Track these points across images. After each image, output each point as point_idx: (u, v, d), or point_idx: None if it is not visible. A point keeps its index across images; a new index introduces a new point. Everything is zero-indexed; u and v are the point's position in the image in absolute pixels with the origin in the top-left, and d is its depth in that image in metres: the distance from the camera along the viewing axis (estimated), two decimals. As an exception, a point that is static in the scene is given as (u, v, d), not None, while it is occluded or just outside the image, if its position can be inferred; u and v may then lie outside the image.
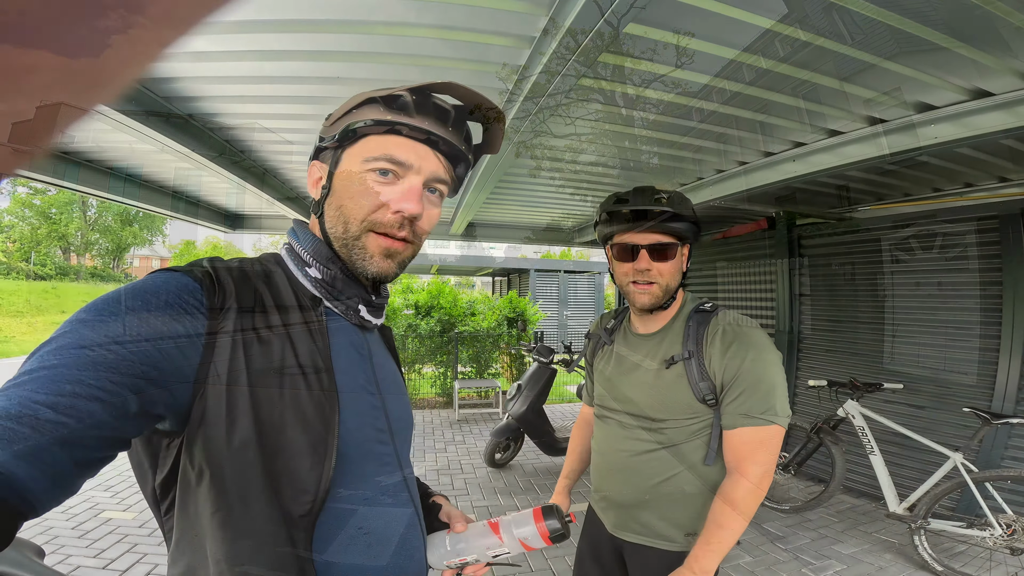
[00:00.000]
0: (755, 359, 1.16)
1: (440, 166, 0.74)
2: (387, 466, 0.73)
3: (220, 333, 0.58)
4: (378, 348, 0.82)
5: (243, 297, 0.62)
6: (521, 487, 4.13)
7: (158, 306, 0.54)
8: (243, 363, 0.58)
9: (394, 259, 0.72)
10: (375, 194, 0.69)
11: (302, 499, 0.59)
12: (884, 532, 3.35)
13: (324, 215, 0.73)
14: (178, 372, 0.54)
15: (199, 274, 0.60)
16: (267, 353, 0.61)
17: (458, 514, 0.91)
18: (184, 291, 0.57)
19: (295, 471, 0.59)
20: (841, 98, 2.26)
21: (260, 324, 0.62)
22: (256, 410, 0.58)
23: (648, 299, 1.26)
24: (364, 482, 0.69)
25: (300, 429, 0.60)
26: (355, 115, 0.70)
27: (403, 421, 0.80)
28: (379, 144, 0.69)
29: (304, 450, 0.60)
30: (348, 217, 0.70)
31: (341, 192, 0.71)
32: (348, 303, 0.74)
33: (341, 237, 0.71)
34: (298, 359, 0.63)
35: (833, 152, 2.77)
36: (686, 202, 1.25)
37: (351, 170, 0.70)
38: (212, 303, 0.58)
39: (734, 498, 1.12)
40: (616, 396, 1.36)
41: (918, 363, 3.64)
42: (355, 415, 0.68)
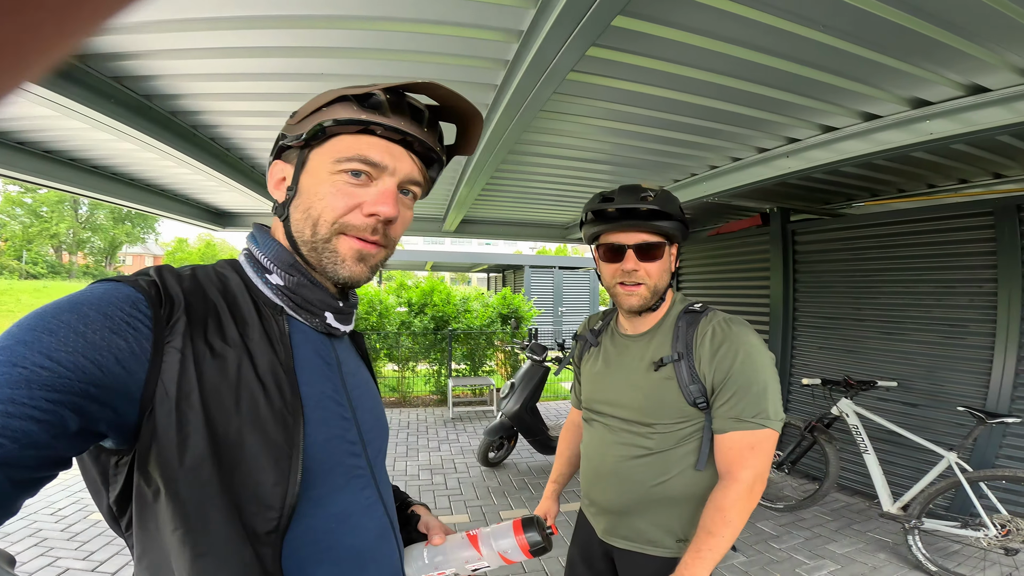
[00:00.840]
0: (746, 361, 1.13)
1: (415, 167, 0.71)
2: (359, 479, 0.70)
3: (168, 347, 0.54)
4: (348, 356, 0.78)
5: (194, 308, 0.59)
6: (515, 486, 4.11)
7: (98, 320, 0.50)
8: (194, 378, 0.55)
9: (367, 263, 0.70)
10: (347, 195, 0.66)
11: (267, 515, 0.56)
12: (878, 531, 3.34)
13: (289, 218, 0.69)
14: (121, 389, 0.50)
15: (144, 284, 0.56)
16: (221, 367, 0.57)
17: (437, 525, 0.89)
18: (126, 303, 0.53)
19: (257, 488, 0.56)
20: (835, 93, 2.22)
21: (214, 336, 0.58)
22: (211, 427, 0.54)
23: (636, 300, 1.23)
24: (334, 496, 0.66)
25: (260, 445, 0.57)
26: (325, 113, 0.66)
27: (376, 431, 0.77)
28: (351, 144, 0.66)
29: (266, 466, 0.57)
30: (317, 219, 0.67)
31: (309, 193, 0.67)
32: (313, 310, 0.70)
33: (309, 241, 0.68)
34: (257, 372, 0.59)
35: (828, 148, 2.74)
36: (673, 200, 1.22)
37: (320, 171, 0.67)
38: (158, 315, 0.55)
39: (725, 504, 1.09)
40: (603, 398, 1.33)
41: (912, 361, 3.62)
42: (323, 427, 0.65)
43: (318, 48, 1.90)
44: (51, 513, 3.42)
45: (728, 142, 2.92)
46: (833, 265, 4.21)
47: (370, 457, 0.73)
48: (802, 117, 2.51)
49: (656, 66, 1.99)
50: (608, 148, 3.07)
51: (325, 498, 0.64)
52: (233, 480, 0.55)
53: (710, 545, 1.08)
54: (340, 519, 0.66)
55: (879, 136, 2.49)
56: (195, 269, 0.65)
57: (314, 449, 0.62)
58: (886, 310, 3.80)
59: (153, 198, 4.15)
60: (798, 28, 1.72)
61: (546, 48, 1.65)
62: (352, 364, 0.78)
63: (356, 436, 0.71)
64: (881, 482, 3.14)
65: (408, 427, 5.84)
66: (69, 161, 3.24)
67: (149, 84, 2.17)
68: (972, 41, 1.76)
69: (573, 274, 14.49)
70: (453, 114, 0.75)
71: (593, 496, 1.34)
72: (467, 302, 7.64)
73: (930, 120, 2.29)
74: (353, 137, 0.66)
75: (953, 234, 3.43)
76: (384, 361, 7.26)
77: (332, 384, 0.70)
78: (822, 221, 4.39)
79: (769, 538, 3.28)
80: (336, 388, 0.70)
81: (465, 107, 0.72)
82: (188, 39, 1.83)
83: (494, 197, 4.57)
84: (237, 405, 0.56)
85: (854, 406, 3.35)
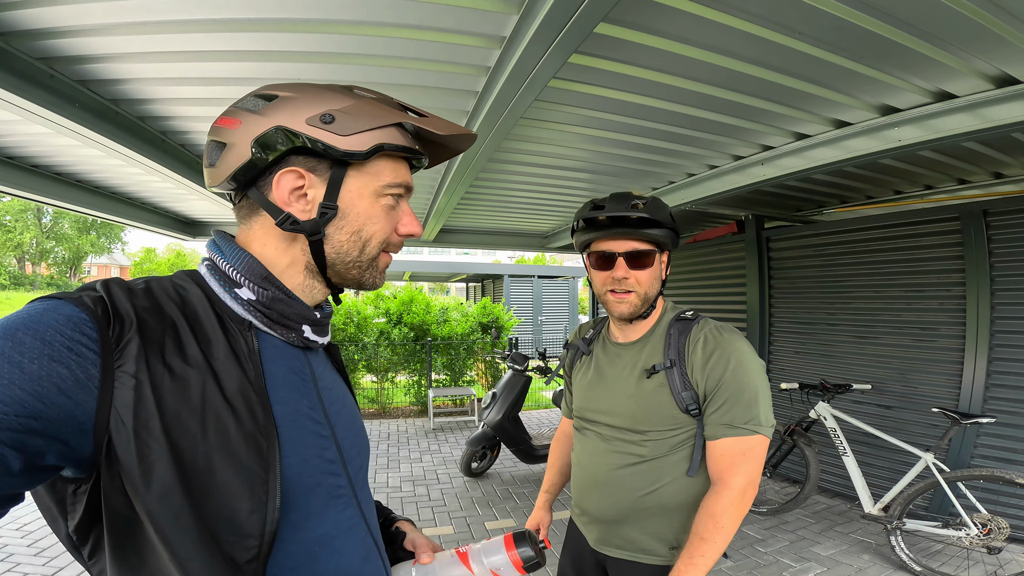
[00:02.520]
0: (737, 368, 1.14)
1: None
2: (340, 499, 0.66)
3: (119, 372, 0.50)
4: (324, 370, 0.74)
5: (149, 326, 0.53)
6: (499, 496, 4.05)
7: (34, 347, 0.46)
8: (152, 404, 0.50)
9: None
10: (391, 219, 0.70)
11: (246, 544, 0.52)
12: (860, 533, 3.39)
13: (328, 238, 0.66)
14: (69, 421, 0.46)
15: (89, 302, 0.51)
16: (183, 390, 0.52)
17: (424, 543, 0.85)
18: (68, 325, 0.48)
19: (233, 515, 0.52)
20: (808, 100, 2.27)
21: (172, 357, 0.53)
22: (176, 454, 0.50)
23: (627, 308, 1.23)
24: (315, 519, 0.62)
25: (233, 471, 0.52)
26: (381, 135, 0.65)
27: (357, 447, 0.73)
28: (398, 171, 0.69)
29: (240, 493, 0.52)
30: (368, 239, 0.68)
31: (359, 215, 0.67)
32: (290, 325, 0.66)
33: (355, 260, 0.69)
34: (224, 393, 0.55)
35: (800, 155, 2.80)
36: (663, 208, 1.22)
37: (367, 193, 0.67)
38: (105, 337, 0.50)
39: (717, 511, 1.09)
40: (595, 407, 1.31)
41: (885, 364, 3.71)
42: (299, 448, 0.61)
43: (293, 52, 1.86)
44: (16, 528, 3.31)
45: (705, 149, 2.96)
46: (807, 271, 4.30)
47: (351, 475, 0.69)
48: (776, 124, 2.56)
49: (637, 73, 2.00)
50: (588, 156, 3.09)
51: (304, 522, 0.60)
52: (206, 508, 0.51)
53: (703, 551, 1.07)
54: (322, 543, 0.62)
55: (849, 143, 2.55)
56: (149, 282, 0.59)
57: (291, 471, 0.58)
58: (858, 314, 3.89)
59: (120, 206, 4.01)
60: (775, 35, 1.75)
61: (528, 55, 1.64)
62: (328, 378, 0.74)
63: (335, 454, 0.67)
64: (861, 484, 3.19)
65: (388, 438, 5.73)
66: (31, 168, 3.11)
67: (116, 88, 2.10)
68: (940, 47, 1.80)
69: (552, 283, 14.54)
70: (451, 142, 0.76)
71: (585, 505, 1.32)
72: (446, 312, 7.58)
73: (898, 127, 2.35)
74: (396, 163, 0.69)
75: (921, 239, 3.53)
76: (363, 372, 7.14)
77: (308, 400, 0.65)
78: (795, 228, 4.48)
79: (755, 542, 3.29)
80: (312, 404, 0.66)
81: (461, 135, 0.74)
82: (157, 42, 1.77)
83: (473, 206, 4.55)
84: (203, 430, 0.52)
85: (831, 409, 3.40)
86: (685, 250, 5.51)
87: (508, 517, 3.64)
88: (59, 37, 1.67)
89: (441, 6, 1.58)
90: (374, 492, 4.07)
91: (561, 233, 5.68)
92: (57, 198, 3.35)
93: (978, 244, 3.18)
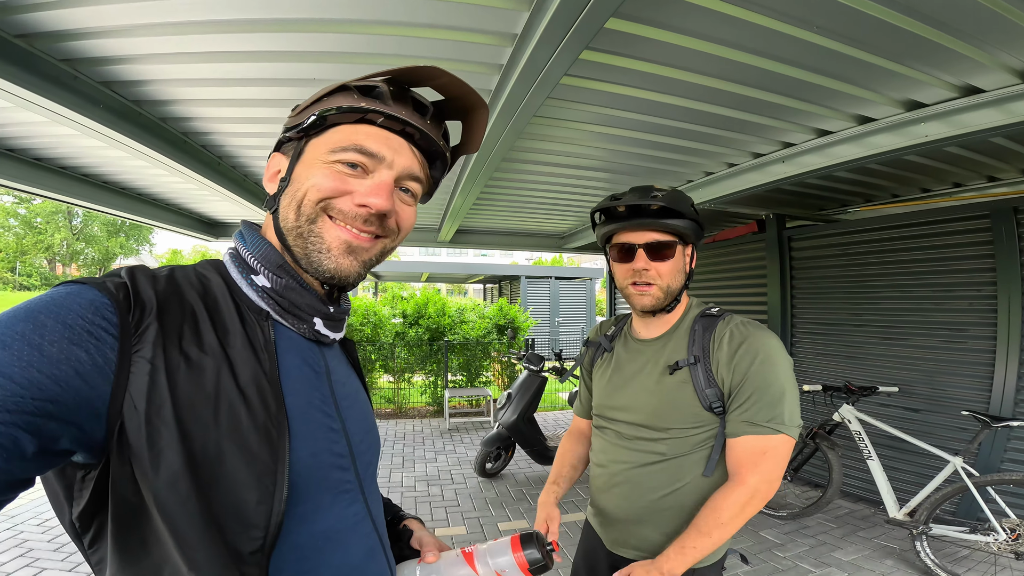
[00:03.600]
0: (764, 363, 1.10)
1: (415, 161, 0.68)
2: (347, 493, 0.65)
3: (136, 357, 0.50)
4: (338, 365, 0.74)
5: (169, 313, 0.54)
6: (513, 497, 4.04)
7: (56, 329, 0.46)
8: (166, 390, 0.50)
9: (357, 256, 0.65)
10: (338, 179, 0.63)
11: (251, 535, 0.52)
12: (884, 538, 3.29)
13: (279, 210, 0.66)
14: (85, 405, 0.46)
15: (112, 287, 0.51)
16: (198, 377, 0.52)
17: (431, 542, 0.84)
18: (89, 309, 0.49)
19: (240, 506, 0.52)
20: (830, 96, 2.22)
21: (189, 344, 0.54)
22: (186, 442, 0.50)
23: (648, 300, 1.20)
24: (321, 512, 0.61)
25: (242, 461, 0.52)
26: (325, 102, 0.64)
27: (367, 443, 0.73)
28: (349, 134, 0.64)
29: (248, 483, 0.52)
30: (302, 199, 0.63)
31: (300, 180, 0.64)
32: (301, 316, 0.66)
33: (294, 226, 0.64)
34: (237, 381, 0.55)
35: (822, 152, 2.74)
36: (684, 198, 1.19)
37: (315, 160, 0.64)
38: (125, 322, 0.50)
39: (722, 506, 1.06)
40: (615, 404, 1.29)
41: (913, 366, 3.60)
42: (309, 440, 0.61)
43: (310, 52, 1.88)
44: (37, 524, 3.36)
45: (724, 147, 2.91)
46: (830, 271, 4.20)
47: (359, 471, 0.68)
48: (797, 121, 2.51)
49: (651, 70, 1.98)
50: (603, 155, 3.06)
51: (311, 515, 0.59)
52: (214, 497, 0.51)
53: (696, 543, 1.04)
54: (327, 537, 0.61)
55: (873, 140, 2.49)
56: (174, 270, 0.60)
57: (300, 464, 0.58)
58: (885, 315, 3.79)
59: (145, 208, 4.11)
60: (793, 30, 1.71)
61: (540, 51, 1.63)
62: (342, 373, 0.74)
63: (345, 449, 0.66)
64: (886, 488, 3.10)
65: (404, 438, 5.76)
66: (59, 169, 3.20)
67: (138, 89, 2.14)
68: (966, 41, 1.75)
69: (569, 284, 14.48)
70: (457, 108, 0.72)
71: (602, 504, 1.29)
72: (463, 313, 7.60)
73: (924, 123, 2.28)
74: (351, 127, 0.64)
75: (950, 238, 3.42)
76: (380, 372, 7.19)
77: (320, 394, 0.65)
78: (818, 227, 4.38)
79: (773, 547, 3.22)
80: (324, 398, 0.66)
81: (469, 97, 0.70)
82: (178, 43, 1.80)
83: (489, 206, 4.56)
84: (216, 418, 0.52)
85: (856, 412, 3.31)
86: (704, 250, 5.43)
87: (521, 518, 3.63)
88: (81, 39, 1.72)
89: (453, 4, 1.59)
90: (388, 491, 4.11)
91: (578, 233, 5.65)
92: (84, 199, 3.45)
93: (1009, 242, 3.07)
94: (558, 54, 1.62)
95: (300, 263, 0.65)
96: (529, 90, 1.88)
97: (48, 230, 26.41)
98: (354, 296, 8.02)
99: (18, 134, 2.64)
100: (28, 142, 2.77)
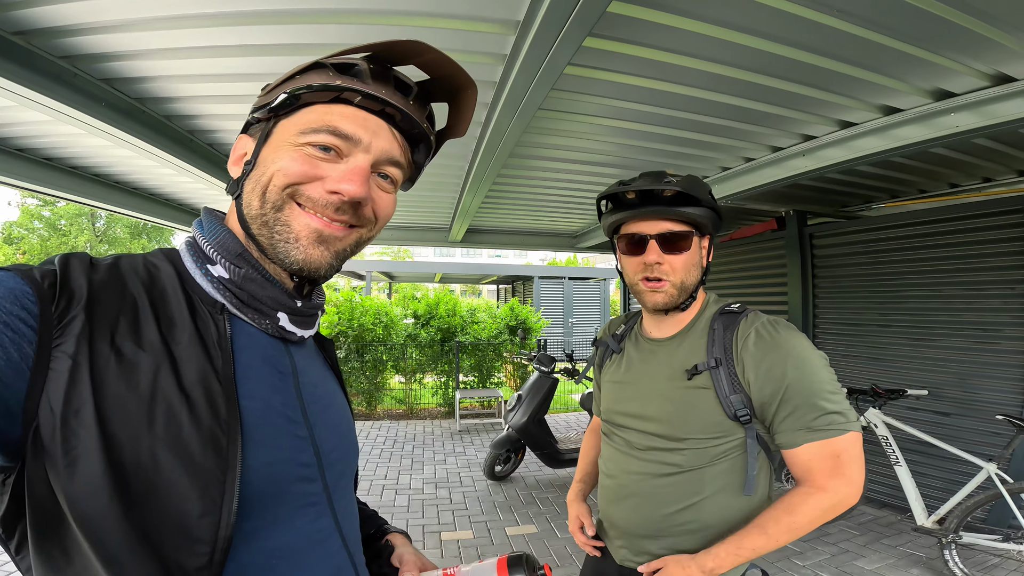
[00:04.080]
0: (800, 368, 0.99)
1: (394, 144, 0.62)
2: (312, 507, 0.59)
3: (56, 352, 0.45)
4: (310, 365, 0.68)
5: (101, 304, 0.49)
6: (522, 501, 3.97)
7: None
8: (89, 390, 0.45)
9: (329, 247, 0.60)
10: (307, 163, 0.57)
11: (197, 550, 0.47)
12: (910, 546, 3.16)
13: (242, 195, 0.60)
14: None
15: (38, 275, 0.47)
16: (129, 376, 0.47)
17: (411, 560, 0.77)
18: (8, 298, 0.44)
19: (182, 519, 0.47)
20: (854, 85, 2.11)
21: (123, 339, 0.48)
22: (110, 448, 0.44)
23: (661, 298, 1.10)
24: (274, 528, 0.55)
25: (182, 469, 0.47)
26: (297, 80, 0.58)
27: (340, 452, 0.66)
28: (321, 114, 0.58)
29: (189, 494, 0.47)
30: (267, 185, 0.58)
31: (266, 163, 0.58)
32: (262, 309, 0.60)
33: (259, 213, 0.58)
34: (180, 381, 0.49)
35: (844, 146, 2.61)
36: (701, 185, 1.08)
37: (282, 142, 0.58)
38: (47, 313, 0.45)
39: (799, 509, 0.95)
40: (625, 410, 1.19)
41: (943, 368, 3.45)
42: (266, 448, 0.55)
43: (316, 45, 1.82)
44: None
45: (741, 141, 2.81)
46: (855, 269, 4.05)
47: (328, 482, 0.62)
48: (819, 112, 2.39)
49: (660, 57, 1.88)
50: (613, 149, 2.98)
51: (262, 531, 0.54)
52: (147, 509, 0.46)
53: (755, 544, 0.94)
54: (282, 555, 0.55)
55: (899, 131, 2.36)
56: (120, 258, 0.55)
57: (253, 474, 0.52)
58: (913, 315, 3.65)
59: (158, 208, 4.12)
60: (813, 14, 1.61)
61: (541, 37, 1.55)
62: (315, 375, 0.68)
63: (311, 458, 0.60)
64: (914, 495, 2.98)
65: (414, 439, 5.72)
66: (70, 169, 3.21)
67: (141, 87, 2.12)
68: (998, 27, 1.65)
69: (583, 284, 14.37)
70: (444, 89, 0.67)
71: (612, 518, 1.20)
72: (474, 313, 7.56)
73: (954, 113, 2.16)
74: (325, 106, 0.59)
75: (981, 234, 3.28)
76: (391, 373, 7.18)
77: (283, 397, 0.59)
78: (841, 224, 4.24)
79: (792, 555, 3.10)
80: (288, 401, 0.60)
81: (457, 76, 0.65)
82: (177, 37, 1.76)
83: (499, 205, 4.49)
84: (150, 422, 0.47)
85: (883, 416, 3.18)
86: (720, 248, 5.30)
87: (530, 523, 3.56)
88: (78, 34, 1.69)
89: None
90: (396, 494, 4.06)
91: (591, 233, 5.55)
92: (96, 199, 3.45)
93: (1045, 238, 2.91)
94: (560, 40, 1.55)
95: (266, 253, 0.60)
96: (533, 79, 1.80)
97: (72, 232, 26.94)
98: (367, 296, 8.01)
99: (26, 133, 2.64)
100: (36, 141, 2.77)
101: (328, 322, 6.66)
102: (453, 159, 3.18)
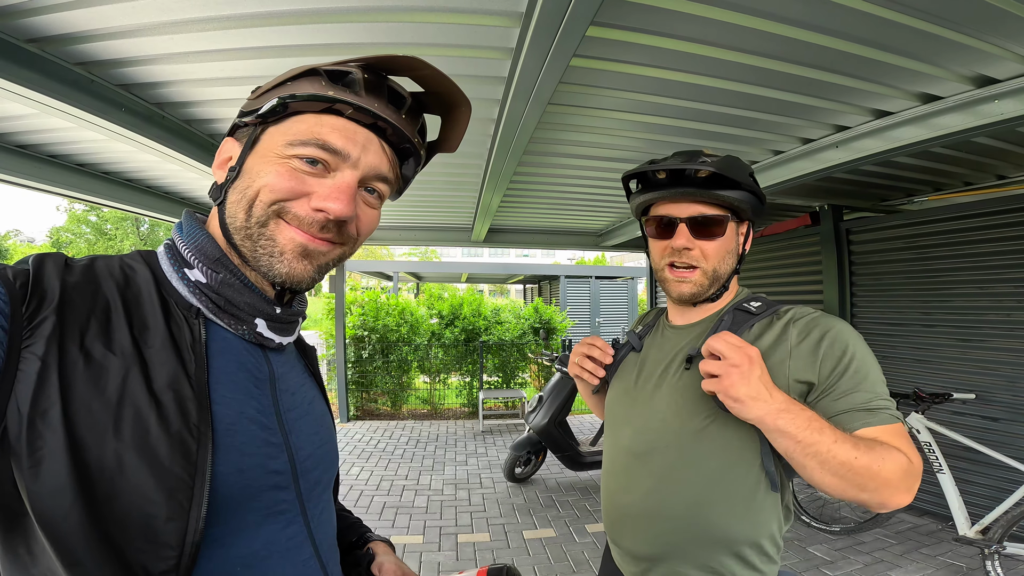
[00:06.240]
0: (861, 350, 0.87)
1: (383, 160, 0.62)
2: (282, 515, 0.59)
3: (26, 353, 0.45)
4: (289, 372, 0.67)
5: (73, 306, 0.49)
6: (541, 504, 3.91)
7: None
8: (57, 392, 0.45)
9: (313, 260, 0.61)
10: (294, 179, 0.57)
11: (163, 554, 0.47)
12: (950, 555, 2.99)
13: (226, 202, 0.60)
14: None
15: (10, 275, 0.48)
16: (97, 379, 0.47)
17: (391, 569, 0.76)
18: None
19: (148, 522, 0.46)
20: (889, 73, 1.98)
21: (94, 341, 0.49)
22: (75, 451, 0.45)
23: (688, 288, 1.00)
24: (241, 535, 0.54)
25: (148, 473, 0.47)
26: (288, 87, 0.58)
27: (316, 459, 0.65)
28: (311, 125, 0.58)
29: (157, 498, 0.47)
30: (253, 199, 0.57)
31: (252, 174, 0.57)
32: (239, 315, 0.60)
33: (243, 226, 0.59)
34: (151, 385, 0.50)
35: (880, 136, 2.46)
36: (741, 166, 0.98)
37: (269, 152, 0.57)
38: (17, 313, 0.46)
39: (885, 455, 0.77)
40: (627, 414, 1.08)
41: (992, 370, 3.24)
42: (237, 454, 0.54)
43: (339, 45, 1.80)
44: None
45: (769, 133, 2.68)
46: (895, 266, 3.84)
47: (302, 490, 0.62)
48: (852, 101, 2.26)
49: (680, 47, 1.80)
50: (634, 144, 2.89)
51: (228, 538, 0.53)
52: (111, 512, 0.45)
53: (834, 437, 0.76)
54: (247, 563, 0.54)
55: (939, 120, 2.21)
56: (95, 259, 0.56)
57: (221, 480, 0.52)
58: (960, 314, 3.43)
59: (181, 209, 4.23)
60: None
61: (543, 25, 1.50)
62: (293, 381, 0.67)
63: (284, 465, 0.60)
64: (957, 504, 2.80)
65: (437, 440, 5.74)
66: (103, 175, 3.32)
67: (159, 92, 2.16)
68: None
69: (611, 284, 14.19)
70: (439, 103, 0.67)
71: (620, 541, 1.08)
72: (499, 313, 7.55)
73: (998, 100, 2.01)
74: (316, 117, 0.58)
75: (1032, 228, 3.04)
76: (416, 373, 7.24)
77: (258, 403, 0.59)
78: (880, 219, 4.03)
79: (822, 564, 2.96)
80: (263, 408, 0.60)
81: (452, 94, 0.64)
82: (189, 41, 1.78)
83: (520, 203, 4.46)
84: (116, 426, 0.47)
85: (926, 421, 3.01)
86: (752, 246, 5.10)
87: (548, 527, 3.50)
88: (89, 40, 1.72)
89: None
90: (415, 495, 4.06)
91: (616, 231, 5.45)
92: (126, 203, 3.56)
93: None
94: (564, 28, 1.49)
95: (248, 263, 0.61)
96: (540, 70, 1.75)
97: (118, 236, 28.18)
98: (392, 296, 8.10)
99: (52, 140, 2.73)
100: (66, 147, 2.86)
101: (352, 323, 6.75)
102: (471, 158, 3.15)
